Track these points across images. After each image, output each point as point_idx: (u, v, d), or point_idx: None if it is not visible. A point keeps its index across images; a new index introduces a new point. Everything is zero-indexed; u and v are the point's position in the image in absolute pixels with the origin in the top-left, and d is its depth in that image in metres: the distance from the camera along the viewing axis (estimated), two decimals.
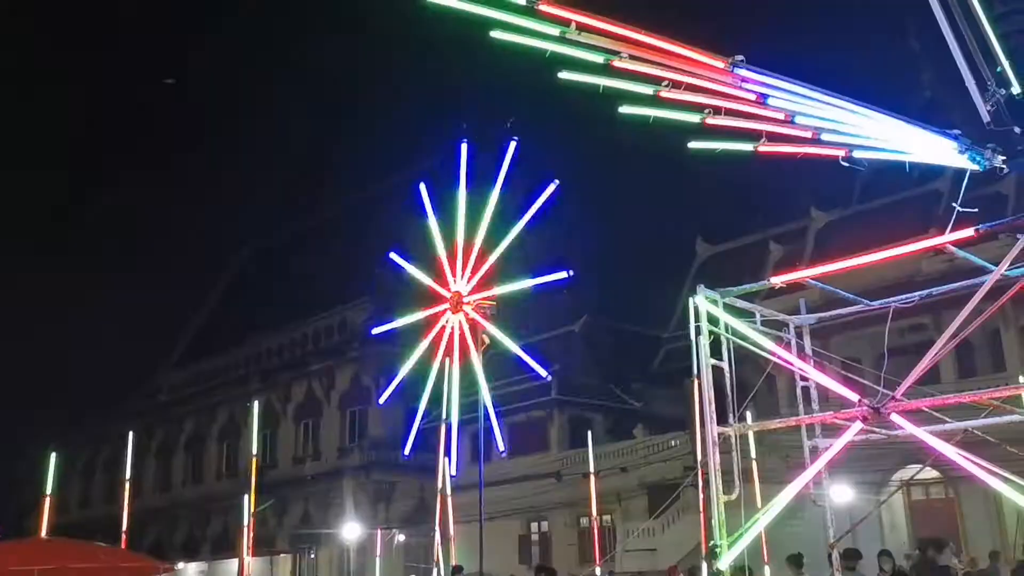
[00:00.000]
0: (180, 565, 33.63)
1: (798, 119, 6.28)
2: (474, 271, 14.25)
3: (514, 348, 14.41)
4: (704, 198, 42.91)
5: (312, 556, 37.47)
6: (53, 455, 15.85)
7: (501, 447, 14.80)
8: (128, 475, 18.90)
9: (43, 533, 14.08)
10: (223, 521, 39.99)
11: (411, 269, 15.74)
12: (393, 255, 16.40)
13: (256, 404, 17.54)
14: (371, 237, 37.34)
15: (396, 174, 41.41)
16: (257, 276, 50.27)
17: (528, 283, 14.12)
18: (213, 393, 45.88)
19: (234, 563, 30.20)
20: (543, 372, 15.04)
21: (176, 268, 66.89)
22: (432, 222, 15.25)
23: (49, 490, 15.27)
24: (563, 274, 13.89)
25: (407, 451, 16.35)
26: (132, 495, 18.46)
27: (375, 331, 17.29)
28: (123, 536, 17.60)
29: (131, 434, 19.39)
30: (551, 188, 13.45)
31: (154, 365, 52.70)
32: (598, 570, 16.93)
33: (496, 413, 14.77)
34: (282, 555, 37.96)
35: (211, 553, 40.24)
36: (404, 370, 15.58)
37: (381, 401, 17.38)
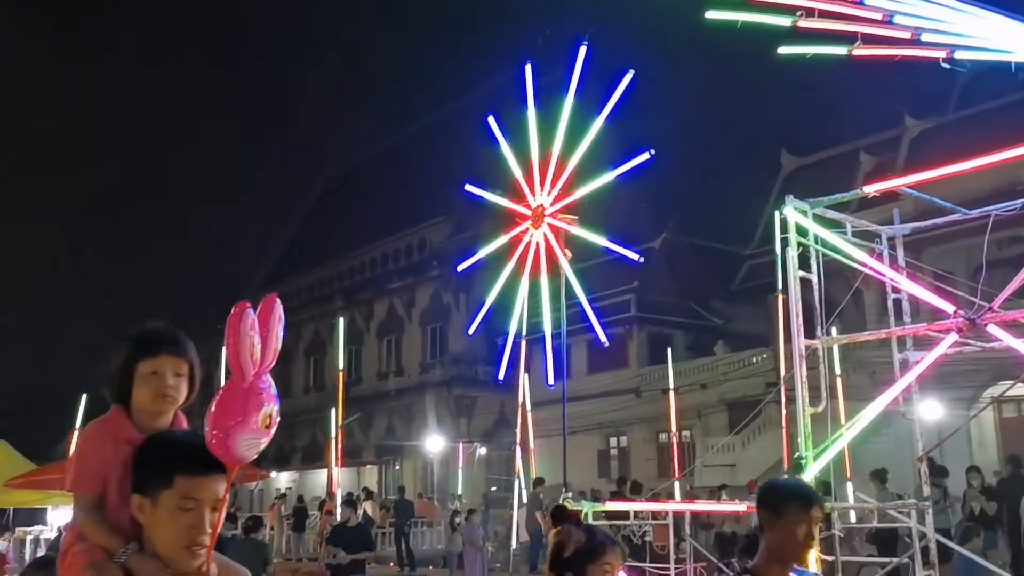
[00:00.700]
0: (273, 474, 35.15)
1: (897, 19, 5.95)
2: (555, 181, 13.96)
3: (601, 240, 14.15)
4: (789, 108, 41.52)
5: (397, 467, 38.75)
6: None
7: (603, 339, 14.59)
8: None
9: None
10: (311, 433, 41.46)
11: (489, 196, 15.48)
12: (469, 187, 16.02)
13: (341, 321, 17.93)
14: (450, 155, 37.33)
15: (473, 90, 41.12)
16: (339, 196, 50.93)
17: (610, 175, 13.60)
18: (299, 311, 47.11)
19: (323, 473, 31.38)
20: (634, 256, 14.65)
21: (263, 190, 68.44)
22: (505, 149, 14.90)
23: None
24: (645, 155, 13.33)
25: (501, 375, 16.35)
26: None
27: (460, 267, 17.01)
28: None
29: (223, 350, 20.12)
30: (627, 78, 12.83)
31: (243, 284, 54.37)
32: (677, 484, 17.08)
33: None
34: (368, 466, 39.35)
35: (301, 463, 41.90)
36: (490, 299, 15.36)
37: (470, 332, 17.36)
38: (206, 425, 2.03)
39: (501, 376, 16.15)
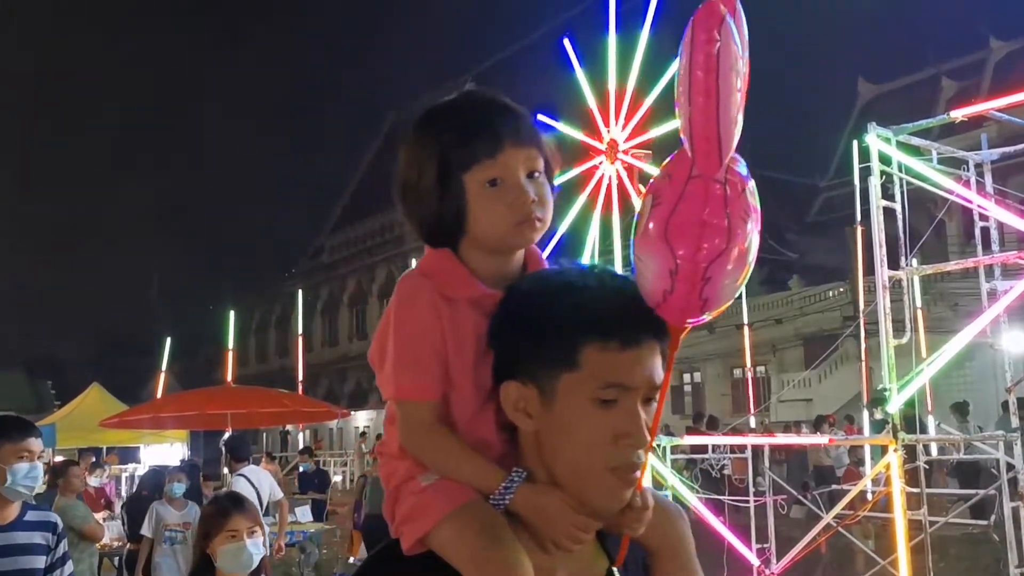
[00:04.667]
0: (351, 413, 36.14)
1: None
2: (630, 116, 13.79)
3: None
4: (866, 34, 39.98)
5: None
6: (232, 313, 17.06)
7: None
8: (300, 331, 20.26)
9: (229, 382, 15.30)
10: (356, 379, 42.28)
11: (561, 126, 15.29)
12: (541, 116, 15.79)
13: (414, 262, 18.13)
14: (518, 90, 36.89)
15: (541, 27, 40.53)
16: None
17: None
18: (372, 253, 47.74)
19: None
20: None
21: (332, 133, 69.18)
22: (580, 76, 14.77)
23: (231, 344, 16.48)
24: None
25: None
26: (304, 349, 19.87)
27: None
28: (299, 385, 19.02)
29: (300, 292, 20.71)
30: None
31: (314, 229, 55.31)
32: (752, 419, 17.03)
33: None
34: None
35: (378, 402, 42.85)
36: (563, 226, 15.41)
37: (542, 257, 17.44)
38: (654, 256, 1.20)
39: None
